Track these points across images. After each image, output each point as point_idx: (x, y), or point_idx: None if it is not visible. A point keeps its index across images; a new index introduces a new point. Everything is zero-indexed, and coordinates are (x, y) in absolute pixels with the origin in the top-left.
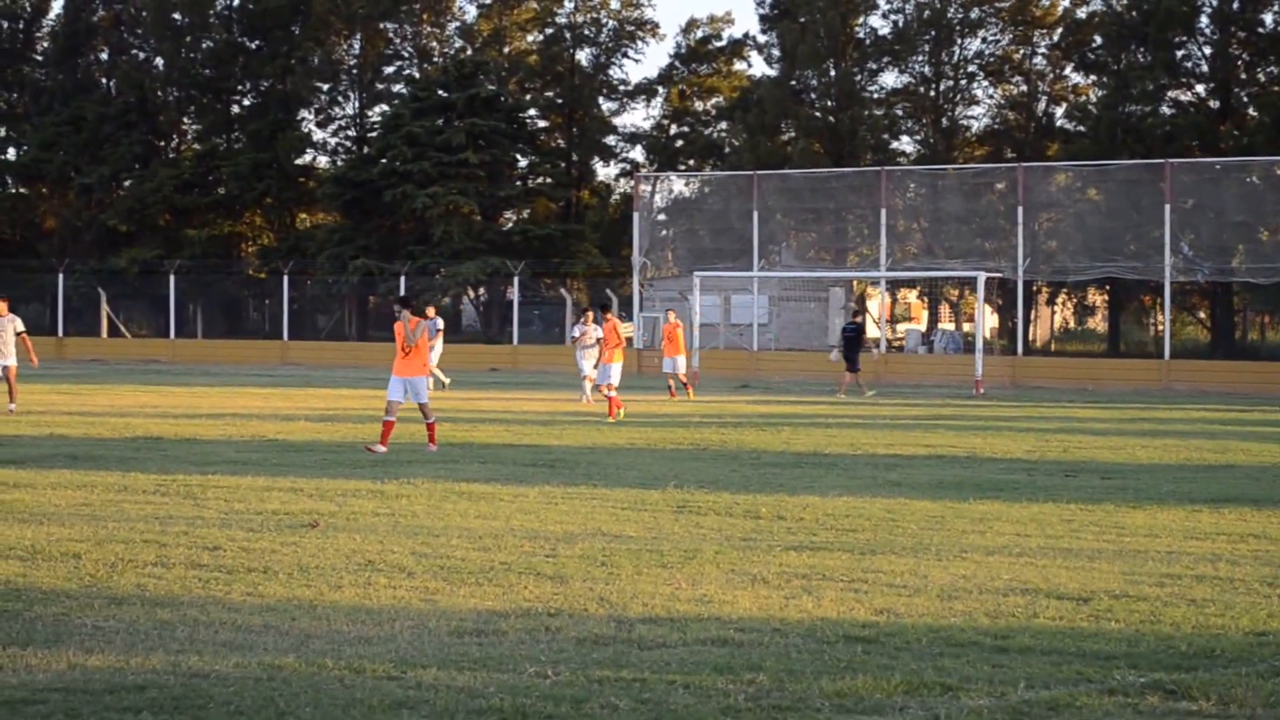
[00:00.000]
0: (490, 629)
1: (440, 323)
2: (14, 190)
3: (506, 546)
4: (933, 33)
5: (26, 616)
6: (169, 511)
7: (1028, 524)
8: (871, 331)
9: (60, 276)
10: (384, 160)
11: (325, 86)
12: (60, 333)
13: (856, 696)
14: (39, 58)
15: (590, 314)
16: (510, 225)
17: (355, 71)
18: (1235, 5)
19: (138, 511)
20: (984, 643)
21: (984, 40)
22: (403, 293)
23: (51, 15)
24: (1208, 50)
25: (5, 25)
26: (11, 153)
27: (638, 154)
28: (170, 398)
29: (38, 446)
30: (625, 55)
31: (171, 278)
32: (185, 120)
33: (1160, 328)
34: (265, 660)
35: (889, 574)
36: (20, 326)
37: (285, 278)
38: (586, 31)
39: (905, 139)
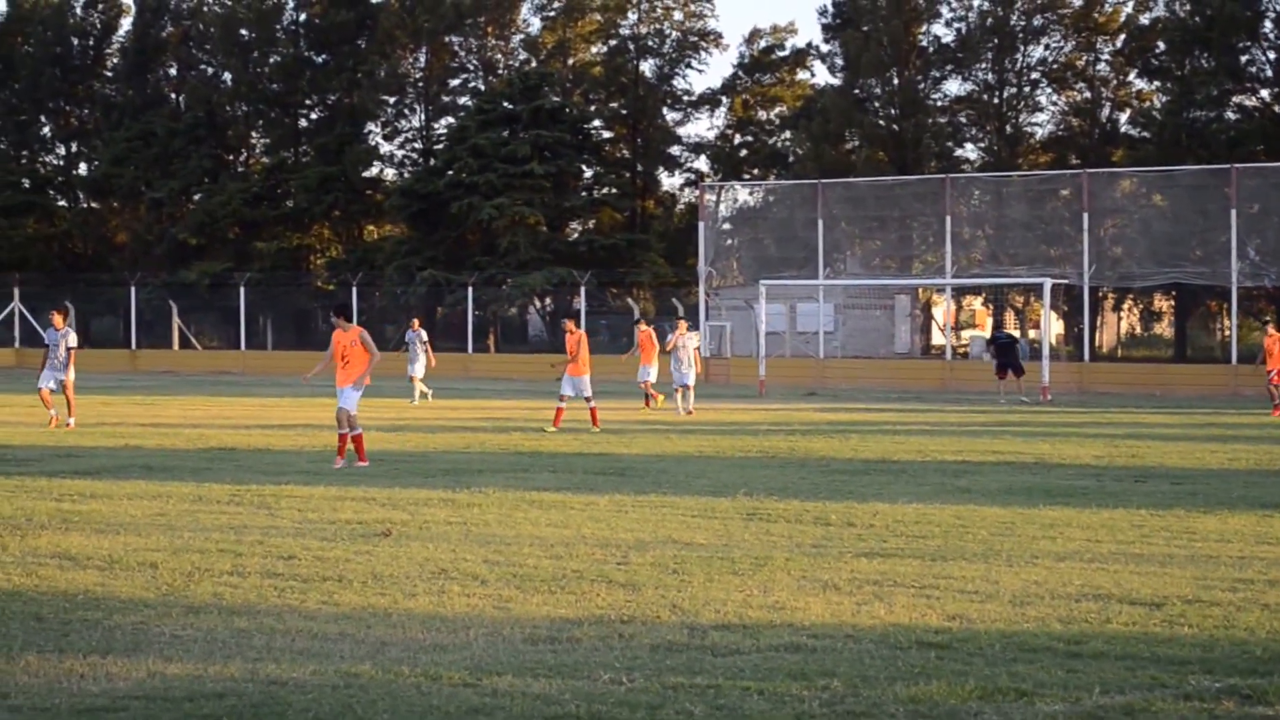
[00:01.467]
0: (564, 636)
1: (424, 335)
2: (86, 205)
3: (578, 554)
4: (996, 40)
5: (106, 625)
6: (243, 521)
7: (1098, 529)
8: (936, 339)
9: (132, 290)
10: (450, 172)
11: (391, 100)
12: (133, 345)
13: (931, 702)
14: (109, 74)
15: (684, 322)
16: (576, 236)
17: (421, 85)
18: None
19: (213, 521)
20: (1057, 648)
21: (1047, 47)
22: (469, 303)
23: (121, 32)
24: (1271, 55)
25: (76, 42)
26: (83, 168)
27: (702, 164)
28: (242, 409)
29: (113, 458)
30: (689, 66)
31: (241, 290)
32: (253, 134)
33: (1227, 333)
34: (342, 668)
35: (960, 580)
36: (73, 341)
37: (354, 289)
38: (650, 43)
39: (969, 146)
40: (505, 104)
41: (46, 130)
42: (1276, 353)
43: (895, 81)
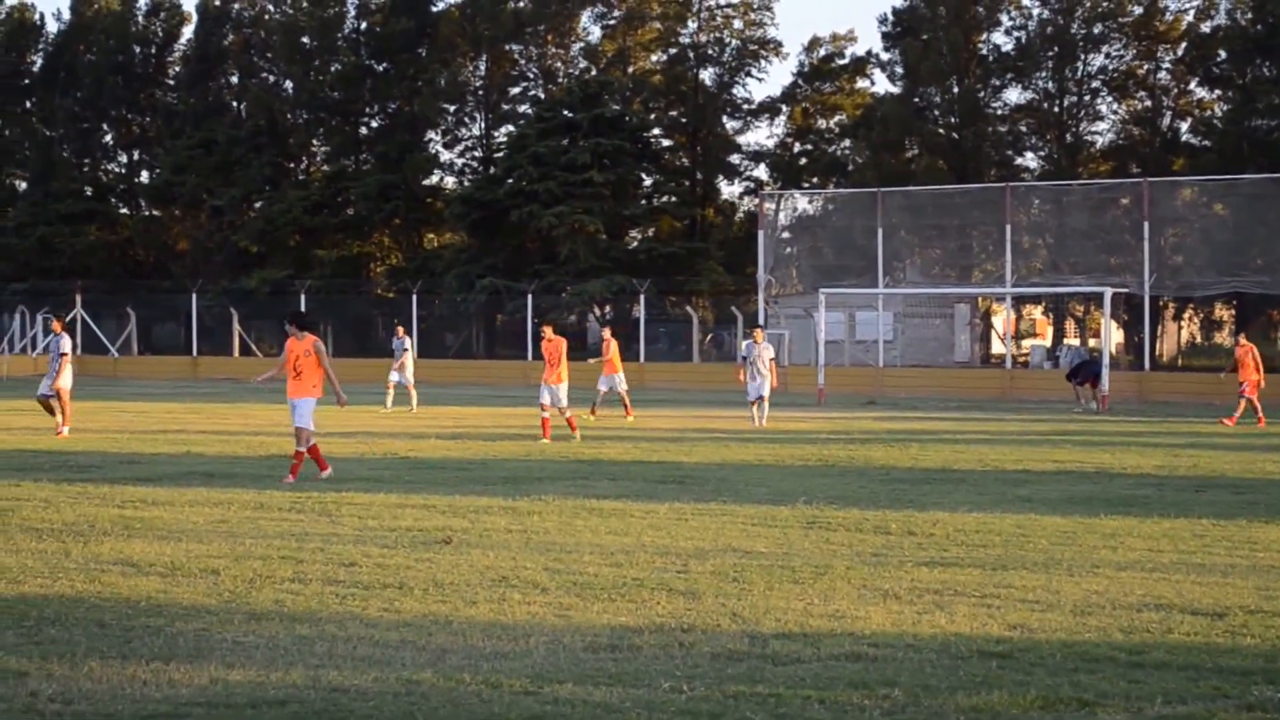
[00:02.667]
0: (624, 644)
1: (408, 343)
2: (147, 212)
3: (638, 562)
4: (1056, 48)
5: (168, 632)
6: (305, 528)
7: (1159, 539)
8: (996, 348)
9: (193, 297)
10: (510, 180)
11: (452, 108)
12: (194, 352)
13: (992, 712)
14: (170, 82)
15: (760, 330)
16: (635, 244)
17: (481, 93)
18: None
19: (274, 528)
20: (1119, 658)
21: (1107, 55)
22: (528, 311)
23: (183, 40)
24: None
25: (138, 50)
26: (145, 175)
27: (761, 172)
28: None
29: (175, 465)
30: (749, 74)
31: (302, 297)
32: (314, 142)
33: None
34: (403, 675)
35: (1021, 589)
36: (66, 348)
37: (414, 297)
38: (710, 51)
39: (1029, 155)
40: (565, 112)
41: (109, 138)
42: (1249, 363)
43: (955, 90)
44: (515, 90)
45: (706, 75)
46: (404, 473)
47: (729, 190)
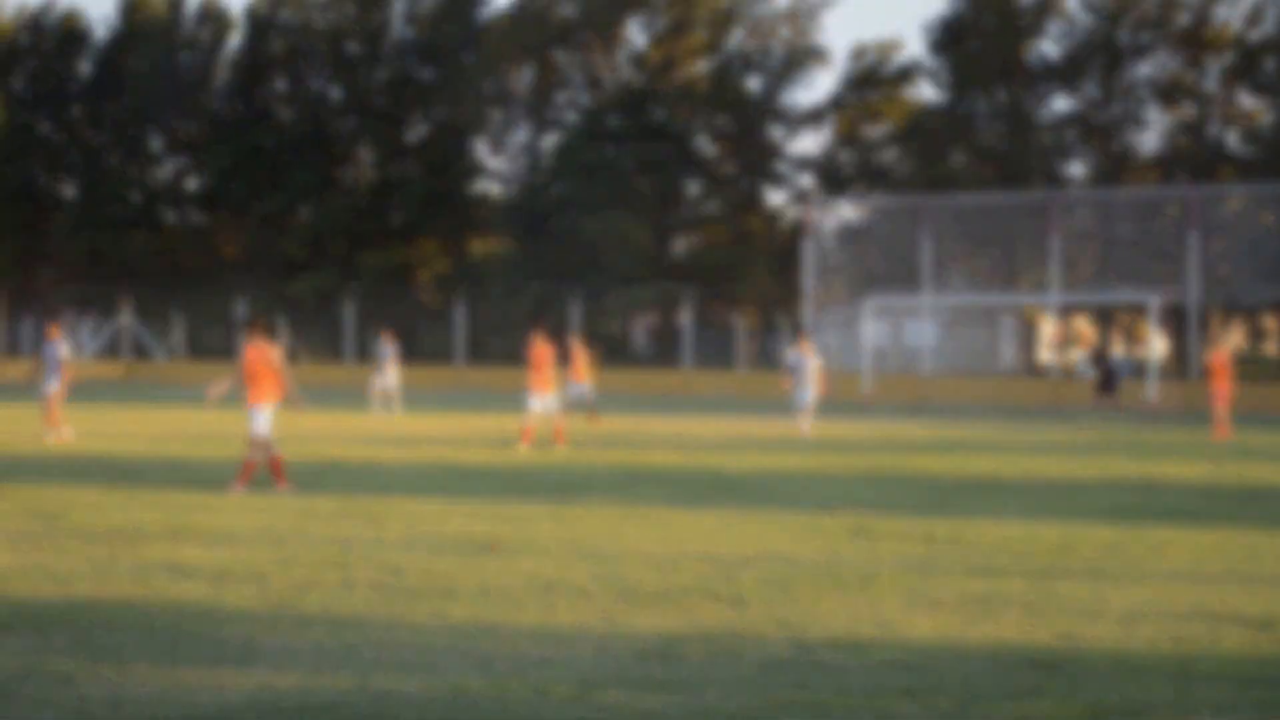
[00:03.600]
0: (671, 651)
1: (394, 347)
2: (195, 219)
3: (684, 569)
4: (1103, 57)
5: (216, 636)
6: (351, 534)
7: (1207, 549)
8: (1042, 356)
9: (240, 302)
10: (556, 187)
11: (498, 115)
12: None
13: None
14: (218, 89)
15: (805, 338)
16: (681, 251)
17: (527, 100)
18: None
19: (321, 534)
20: (1166, 668)
21: (1154, 64)
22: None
23: (230, 47)
24: None
25: (185, 57)
26: (192, 182)
27: (807, 180)
28: (347, 422)
29: (222, 470)
30: (794, 82)
31: (347, 304)
32: (360, 149)
33: None
34: (451, 681)
35: (1068, 599)
36: (64, 352)
37: (460, 303)
38: (756, 59)
39: (1075, 164)
40: (611, 120)
41: (156, 145)
42: (1220, 372)
43: (1001, 98)
44: (561, 97)
45: (753, 83)
46: (450, 479)
47: (774, 198)
